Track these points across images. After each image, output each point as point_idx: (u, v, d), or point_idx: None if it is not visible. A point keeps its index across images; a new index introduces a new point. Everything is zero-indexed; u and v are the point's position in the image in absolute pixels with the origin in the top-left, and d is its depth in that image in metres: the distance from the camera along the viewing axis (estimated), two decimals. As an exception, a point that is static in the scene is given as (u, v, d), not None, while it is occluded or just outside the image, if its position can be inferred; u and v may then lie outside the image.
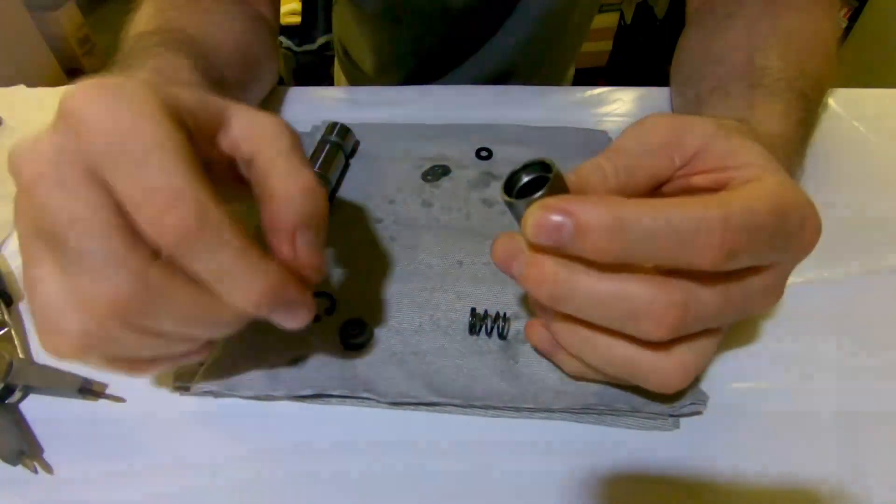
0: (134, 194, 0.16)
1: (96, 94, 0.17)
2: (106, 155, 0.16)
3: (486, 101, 0.48)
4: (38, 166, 0.17)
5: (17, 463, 0.24)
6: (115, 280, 0.16)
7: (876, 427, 0.26)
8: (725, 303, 0.20)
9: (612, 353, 0.21)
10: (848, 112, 0.47)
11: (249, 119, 0.21)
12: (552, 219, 0.18)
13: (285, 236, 0.20)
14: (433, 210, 0.37)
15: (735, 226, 0.17)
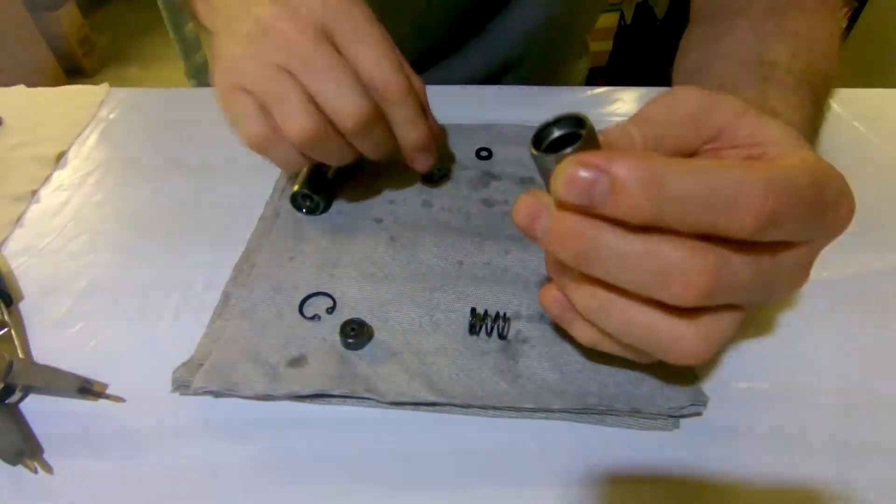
0: (371, 65, 0.28)
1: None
2: (354, 35, 0.28)
3: (486, 101, 0.48)
4: (295, 23, 0.27)
5: (17, 463, 0.24)
6: (362, 103, 0.28)
7: (876, 427, 0.26)
8: (756, 276, 0.19)
9: (633, 319, 0.20)
10: (848, 112, 0.47)
11: None
12: (586, 175, 0.17)
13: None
14: (433, 210, 0.37)
15: (777, 191, 0.17)
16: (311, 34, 0.27)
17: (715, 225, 0.17)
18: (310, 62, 0.27)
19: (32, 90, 0.50)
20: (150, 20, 2.34)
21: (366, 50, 0.28)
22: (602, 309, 0.21)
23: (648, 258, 0.18)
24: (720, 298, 0.19)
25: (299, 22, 0.27)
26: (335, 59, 0.27)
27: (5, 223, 0.37)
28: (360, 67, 0.28)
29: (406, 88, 0.29)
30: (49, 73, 1.97)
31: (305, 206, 0.36)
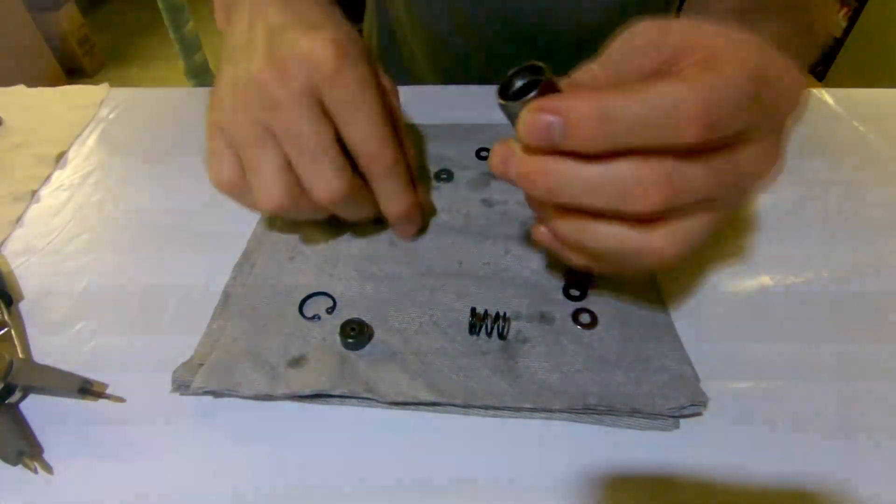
0: (358, 139, 0.27)
1: (341, 55, 0.26)
2: (344, 106, 0.26)
3: (486, 101, 0.47)
4: (287, 86, 0.25)
5: (17, 463, 0.24)
6: (337, 181, 0.27)
7: (876, 427, 0.26)
8: (714, 175, 0.20)
9: (608, 237, 0.22)
10: (848, 112, 0.47)
11: (384, 82, 0.31)
12: (543, 118, 0.19)
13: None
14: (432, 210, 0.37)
15: (712, 98, 0.18)
16: (299, 100, 0.26)
17: (663, 140, 0.19)
18: (292, 130, 0.26)
19: (32, 90, 0.50)
20: (150, 20, 2.35)
21: (355, 121, 0.27)
22: (579, 232, 0.23)
23: (608, 180, 0.20)
24: (681, 201, 0.20)
25: (289, 85, 0.25)
26: (319, 130, 0.26)
27: (5, 223, 0.37)
28: (346, 136, 0.27)
29: (392, 162, 0.29)
30: (49, 73, 1.97)
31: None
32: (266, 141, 0.26)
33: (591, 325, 0.29)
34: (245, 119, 0.26)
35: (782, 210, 0.38)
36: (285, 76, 0.25)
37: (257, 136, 0.26)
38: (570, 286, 0.31)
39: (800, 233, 0.36)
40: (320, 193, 0.27)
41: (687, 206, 0.21)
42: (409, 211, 0.32)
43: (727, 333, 0.30)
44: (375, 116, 0.27)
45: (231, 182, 0.28)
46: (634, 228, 0.21)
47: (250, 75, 0.26)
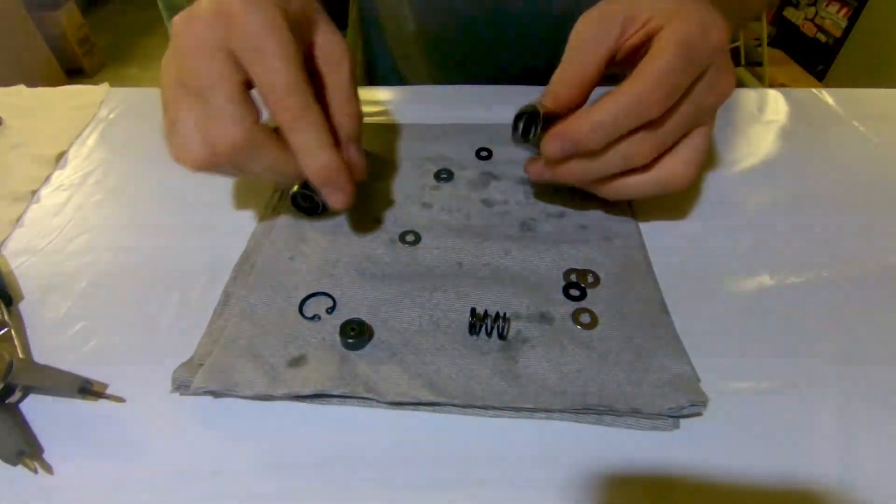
0: (263, 82, 0.26)
1: (246, 4, 0.25)
2: (247, 51, 0.25)
3: (486, 101, 0.48)
4: (195, 40, 0.26)
5: (17, 463, 0.24)
6: (234, 130, 0.26)
7: (876, 427, 0.26)
8: (683, 116, 0.28)
9: (640, 184, 0.31)
10: (848, 112, 0.47)
11: (327, 41, 0.31)
12: (558, 144, 0.28)
13: (341, 146, 0.31)
14: (433, 211, 0.37)
15: (660, 80, 0.26)
16: (205, 48, 0.25)
17: (640, 123, 0.27)
18: (194, 79, 0.26)
19: (32, 90, 0.50)
20: (150, 20, 2.35)
21: (259, 65, 0.26)
22: (621, 190, 0.32)
23: (616, 158, 0.29)
24: (669, 142, 0.29)
25: (196, 34, 0.26)
26: (221, 76, 0.25)
27: (5, 223, 0.37)
28: (256, 84, 0.26)
29: (299, 110, 0.26)
30: (49, 73, 1.97)
31: (305, 206, 0.36)
32: (180, 98, 0.26)
33: (591, 325, 0.29)
34: (167, 82, 0.27)
35: (782, 210, 0.38)
36: (194, 26, 0.26)
37: (175, 95, 0.26)
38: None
39: (800, 233, 0.36)
40: (218, 143, 0.26)
41: (678, 137, 0.29)
42: (325, 172, 0.28)
43: (727, 333, 0.30)
44: (281, 61, 0.26)
45: (175, 155, 0.28)
46: (650, 171, 0.30)
47: (171, 38, 0.27)
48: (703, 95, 0.28)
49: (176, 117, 0.26)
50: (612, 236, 0.35)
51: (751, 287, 0.32)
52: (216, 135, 0.26)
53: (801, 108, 0.48)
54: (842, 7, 1.96)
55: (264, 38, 0.25)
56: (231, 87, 0.26)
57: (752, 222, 0.37)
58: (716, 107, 0.29)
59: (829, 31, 2.02)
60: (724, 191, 0.40)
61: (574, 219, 0.36)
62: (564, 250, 0.34)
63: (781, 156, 0.43)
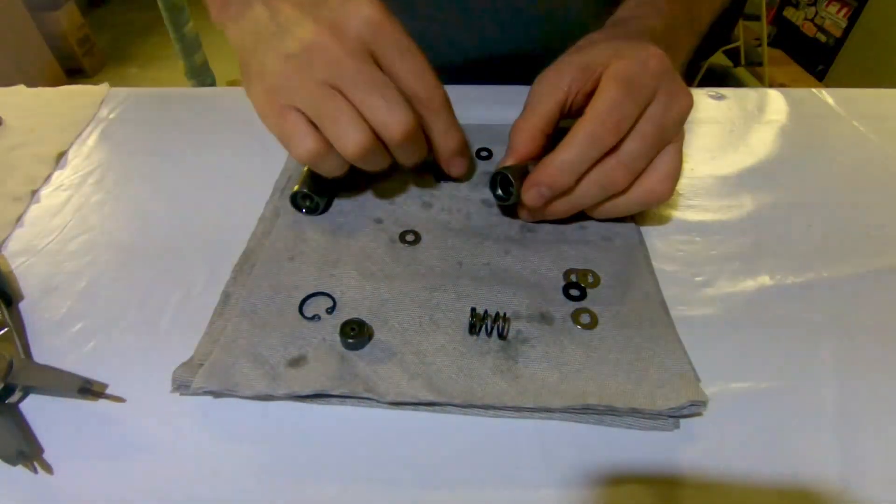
0: (413, 77, 0.30)
1: (383, 9, 0.29)
2: (397, 52, 0.29)
3: (486, 101, 0.48)
4: (342, 46, 0.28)
5: (17, 463, 0.24)
6: (407, 116, 0.29)
7: (876, 427, 0.26)
8: (647, 135, 0.30)
9: (614, 209, 0.33)
10: (848, 112, 0.47)
11: None
12: (536, 192, 0.31)
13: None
14: (433, 211, 0.37)
15: (607, 115, 0.29)
16: (355, 52, 0.28)
17: (600, 154, 0.30)
18: (357, 79, 0.28)
19: (32, 90, 0.50)
20: (150, 20, 2.35)
21: (408, 65, 0.30)
22: (611, 212, 0.34)
23: (595, 189, 0.32)
24: (639, 165, 0.31)
25: (343, 40, 0.28)
26: (379, 75, 0.29)
27: (5, 223, 0.37)
28: (402, 81, 0.30)
29: (445, 99, 0.32)
30: (49, 73, 1.97)
31: (305, 206, 0.36)
32: (335, 95, 0.28)
33: (591, 325, 0.29)
34: (311, 85, 0.28)
35: (782, 210, 0.38)
36: (339, 34, 0.28)
37: (326, 94, 0.28)
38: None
39: (800, 233, 0.36)
40: (395, 128, 0.29)
41: (649, 159, 0.31)
42: (461, 145, 0.35)
43: (727, 333, 0.30)
44: (424, 61, 0.30)
45: (316, 149, 0.30)
46: (631, 193, 0.32)
47: (303, 45, 0.28)
48: (660, 116, 0.30)
49: (335, 112, 0.28)
50: (612, 236, 0.35)
51: (751, 287, 0.32)
52: (392, 121, 0.29)
53: (801, 108, 0.48)
54: (842, 7, 1.96)
55: (408, 42, 0.30)
56: (391, 83, 0.29)
57: (752, 222, 0.37)
58: (678, 123, 0.31)
59: (829, 31, 2.02)
60: (725, 191, 0.40)
61: (574, 219, 0.36)
62: (564, 250, 0.34)
63: (781, 156, 0.43)
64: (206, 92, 0.53)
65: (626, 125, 0.30)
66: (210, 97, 0.53)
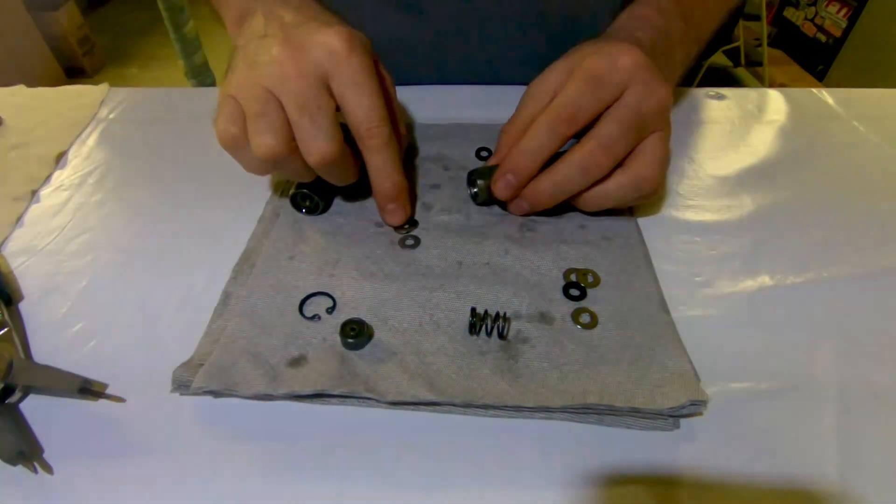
0: (359, 112, 0.31)
1: (350, 45, 0.30)
2: (349, 86, 0.30)
3: (486, 101, 0.48)
4: (298, 69, 0.29)
5: (17, 463, 0.24)
6: (330, 145, 0.30)
7: (876, 427, 0.26)
8: (625, 120, 0.31)
9: (604, 196, 0.34)
10: (848, 112, 0.47)
11: (381, 76, 0.34)
12: (503, 181, 0.34)
13: None
14: (433, 211, 0.37)
15: (563, 106, 0.31)
16: (306, 75, 0.29)
17: (558, 140, 0.32)
18: (295, 97, 0.29)
19: (32, 90, 0.50)
20: (150, 20, 2.35)
21: (357, 99, 0.30)
22: (602, 200, 0.34)
23: (575, 172, 0.32)
24: (620, 147, 0.32)
25: (300, 62, 0.29)
26: (322, 101, 0.30)
27: (5, 223, 0.37)
28: (348, 114, 0.31)
29: (387, 140, 0.32)
30: (49, 73, 1.97)
31: (305, 206, 0.36)
32: (270, 101, 0.29)
33: (591, 325, 0.29)
34: (255, 86, 0.30)
35: (782, 210, 0.38)
36: (299, 57, 0.29)
37: (263, 97, 0.29)
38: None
39: (800, 233, 0.36)
40: (312, 152, 0.30)
41: (629, 143, 0.32)
42: (396, 190, 0.34)
43: (727, 333, 0.30)
44: (376, 96, 0.31)
45: (234, 135, 0.30)
46: (618, 176, 0.33)
47: (268, 57, 0.30)
48: (635, 104, 0.31)
49: (262, 112, 0.29)
50: (612, 236, 0.35)
51: (751, 287, 0.32)
52: (313, 145, 0.30)
53: (801, 108, 0.48)
54: (842, 7, 1.96)
55: (365, 78, 0.30)
56: (331, 111, 0.30)
57: (752, 222, 0.37)
58: (656, 113, 0.32)
59: (829, 31, 2.02)
60: (725, 191, 0.40)
61: (574, 219, 0.36)
62: (564, 250, 0.34)
63: (781, 156, 0.43)
64: (206, 92, 0.53)
65: (582, 115, 0.31)
66: (210, 97, 0.53)
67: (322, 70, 0.30)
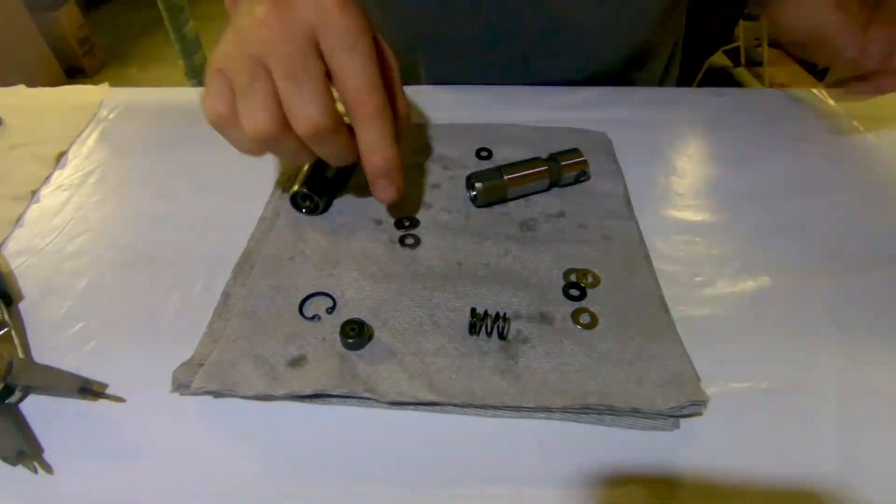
0: (349, 78, 0.28)
1: (342, 6, 0.27)
2: (338, 48, 0.27)
3: (486, 101, 0.48)
4: (284, 28, 0.27)
5: (17, 463, 0.24)
6: (320, 112, 0.27)
7: (876, 427, 0.26)
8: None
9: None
10: (848, 112, 0.47)
11: (379, 48, 0.31)
12: None
13: None
14: (432, 211, 0.37)
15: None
16: (294, 36, 0.27)
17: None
18: (282, 63, 0.27)
19: (32, 90, 0.50)
20: (150, 20, 2.34)
21: (347, 62, 0.28)
22: None
23: None
24: None
25: (288, 23, 0.27)
26: (310, 64, 0.27)
27: (5, 223, 0.37)
28: (337, 75, 0.28)
29: (377, 109, 0.29)
30: (49, 73, 1.97)
31: (305, 206, 0.36)
32: (258, 72, 0.27)
33: (591, 325, 0.29)
34: (241, 55, 0.28)
35: (782, 210, 0.38)
36: (286, 15, 0.27)
37: (251, 68, 0.27)
38: None
39: (800, 233, 0.36)
40: (301, 122, 0.27)
41: None
42: (387, 164, 0.30)
43: (727, 333, 0.30)
44: (368, 61, 0.28)
45: (221, 114, 0.28)
46: None
47: (253, 20, 0.27)
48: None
49: (250, 88, 0.27)
50: (612, 236, 0.35)
51: (751, 287, 0.32)
52: (301, 114, 0.27)
53: (801, 108, 0.48)
54: (842, 7, 1.96)
55: (357, 38, 0.27)
56: (321, 76, 0.27)
57: (752, 222, 0.37)
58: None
59: (829, 31, 2.02)
60: (725, 190, 0.40)
61: (574, 219, 0.36)
62: (564, 250, 0.34)
63: (781, 156, 0.43)
64: (206, 92, 0.53)
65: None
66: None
67: (310, 29, 0.27)
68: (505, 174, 0.36)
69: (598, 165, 0.39)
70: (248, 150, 0.30)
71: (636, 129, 0.44)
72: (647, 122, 0.46)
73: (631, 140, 0.43)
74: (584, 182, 0.39)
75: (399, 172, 0.31)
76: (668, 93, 0.52)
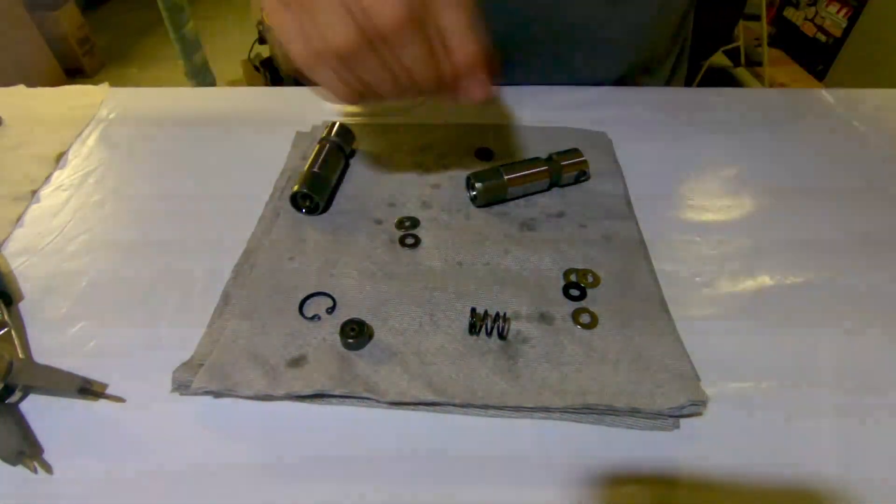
0: (453, 29, 0.27)
1: None
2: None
3: (487, 101, 0.47)
4: None
5: (17, 463, 0.24)
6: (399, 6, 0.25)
7: (876, 426, 0.26)
8: None
9: None
10: (848, 112, 0.47)
11: None
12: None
13: None
14: (432, 211, 0.37)
15: None
16: None
17: None
18: None
19: (32, 90, 0.50)
20: (150, 20, 2.34)
21: (455, 23, 0.27)
22: None
23: None
24: None
25: None
26: None
27: (5, 223, 0.37)
28: (445, 24, 0.27)
29: (478, 60, 0.28)
30: (49, 73, 1.97)
31: (305, 206, 0.36)
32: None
33: (591, 325, 0.29)
34: None
35: (782, 210, 0.38)
36: None
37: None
38: None
39: (800, 233, 0.36)
40: (379, 19, 0.26)
41: None
42: (476, 55, 0.28)
43: (727, 333, 0.30)
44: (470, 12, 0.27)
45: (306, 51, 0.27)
46: None
47: None
48: None
49: (314, 5, 0.26)
50: (612, 236, 0.35)
51: (751, 287, 0.32)
52: (378, 11, 0.26)
53: (801, 108, 0.48)
54: (842, 7, 1.96)
55: None
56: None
57: (752, 222, 0.37)
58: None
59: (829, 30, 2.02)
60: (725, 190, 0.40)
61: (574, 219, 0.36)
62: (564, 250, 0.34)
63: (782, 156, 0.43)
64: (206, 92, 0.53)
65: None
66: (210, 97, 0.53)
67: None
68: (505, 174, 0.36)
69: (598, 165, 0.39)
70: (338, 89, 0.29)
71: (636, 129, 0.45)
72: (647, 122, 0.46)
73: (631, 140, 0.43)
74: (584, 182, 0.39)
75: (489, 64, 0.29)
76: (668, 93, 0.52)
